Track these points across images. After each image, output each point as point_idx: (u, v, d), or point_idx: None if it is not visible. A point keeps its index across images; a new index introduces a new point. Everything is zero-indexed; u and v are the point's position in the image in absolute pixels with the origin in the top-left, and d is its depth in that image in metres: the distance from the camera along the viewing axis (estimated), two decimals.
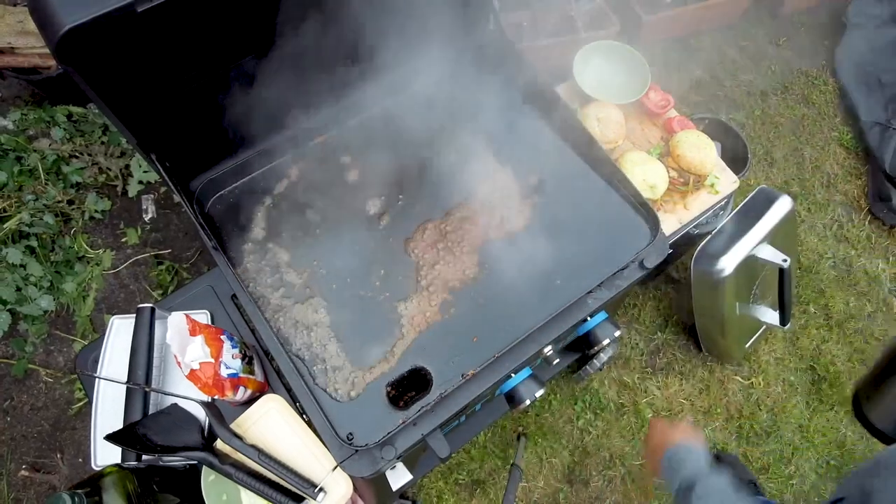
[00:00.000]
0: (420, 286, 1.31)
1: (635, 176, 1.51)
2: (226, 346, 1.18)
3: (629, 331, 2.22)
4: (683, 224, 1.59)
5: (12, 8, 2.20)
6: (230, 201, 1.40)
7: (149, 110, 1.10)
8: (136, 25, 0.92)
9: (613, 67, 1.73)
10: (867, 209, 2.49)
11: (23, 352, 2.04)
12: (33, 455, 1.94)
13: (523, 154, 1.47)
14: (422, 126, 1.45)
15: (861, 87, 2.68)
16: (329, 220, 1.39)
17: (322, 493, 1.14)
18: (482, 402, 1.58)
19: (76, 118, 2.33)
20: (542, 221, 1.39)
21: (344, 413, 1.17)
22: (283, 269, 1.33)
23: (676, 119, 1.68)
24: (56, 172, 2.23)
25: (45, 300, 2.06)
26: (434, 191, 1.41)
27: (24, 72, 2.20)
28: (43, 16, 0.86)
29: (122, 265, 2.18)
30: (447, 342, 1.25)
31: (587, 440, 2.05)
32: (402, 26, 1.28)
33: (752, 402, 2.15)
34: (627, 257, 1.30)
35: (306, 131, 1.44)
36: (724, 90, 2.72)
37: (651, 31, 2.66)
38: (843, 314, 2.30)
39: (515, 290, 1.31)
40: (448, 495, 1.94)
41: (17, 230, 2.11)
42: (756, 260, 1.72)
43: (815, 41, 2.89)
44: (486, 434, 2.02)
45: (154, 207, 2.28)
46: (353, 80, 1.40)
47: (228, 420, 1.19)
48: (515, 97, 1.54)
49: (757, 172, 2.54)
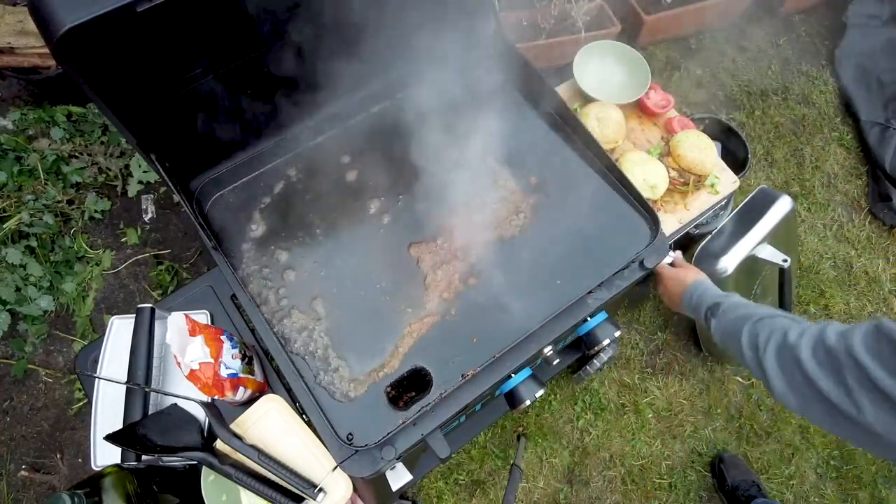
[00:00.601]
0: (420, 286, 1.31)
1: (635, 176, 1.51)
2: (225, 346, 1.18)
3: (629, 331, 2.22)
4: (683, 224, 1.59)
5: (12, 8, 2.20)
6: (230, 201, 1.40)
7: (149, 110, 1.10)
8: (136, 25, 0.92)
9: (613, 67, 1.73)
10: (867, 209, 2.49)
11: (22, 352, 2.03)
12: (33, 455, 1.94)
13: (523, 154, 1.47)
14: (422, 126, 1.45)
15: (861, 87, 2.68)
16: (329, 221, 1.39)
17: (322, 493, 1.14)
18: (482, 403, 1.58)
19: (76, 118, 2.33)
20: (542, 222, 1.39)
21: (344, 413, 1.17)
22: (282, 269, 1.33)
23: (676, 119, 1.68)
24: (56, 172, 2.23)
25: (45, 300, 2.06)
26: (434, 191, 1.41)
27: (23, 72, 2.20)
28: (42, 15, 0.86)
29: (121, 265, 2.18)
30: (447, 342, 1.25)
31: (587, 440, 2.05)
32: (402, 26, 1.27)
33: (752, 402, 2.14)
34: (627, 257, 1.30)
35: (306, 131, 1.44)
36: (724, 90, 2.72)
37: (651, 31, 2.66)
38: (843, 314, 2.30)
39: (515, 290, 1.31)
40: (448, 496, 1.94)
41: (17, 230, 2.11)
42: (756, 260, 1.72)
43: (815, 41, 2.89)
44: (486, 434, 2.02)
45: (154, 207, 2.28)
46: (353, 80, 1.40)
47: (228, 420, 1.18)
48: (515, 97, 1.54)
49: (757, 172, 2.53)
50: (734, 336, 1.13)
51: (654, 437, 2.07)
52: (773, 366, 1.00)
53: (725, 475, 1.95)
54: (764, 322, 1.08)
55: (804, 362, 0.92)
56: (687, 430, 2.09)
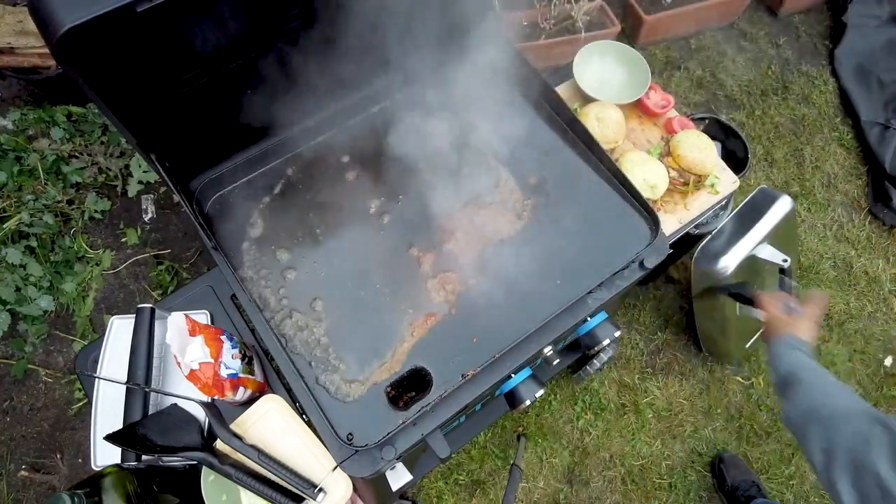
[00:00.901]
0: (420, 286, 1.31)
1: (635, 176, 1.51)
2: (225, 346, 1.18)
3: (629, 331, 2.22)
4: (683, 224, 1.59)
5: (12, 8, 2.20)
6: (230, 201, 1.40)
7: (149, 110, 1.10)
8: (136, 25, 0.92)
9: (613, 67, 1.73)
10: (867, 209, 2.49)
11: (22, 352, 2.04)
12: (33, 455, 1.94)
13: (523, 154, 1.47)
14: (422, 126, 1.45)
15: (861, 87, 2.68)
16: (329, 221, 1.39)
17: (322, 493, 1.14)
18: (482, 403, 1.58)
19: (76, 118, 2.33)
20: (541, 222, 1.39)
21: (344, 413, 1.17)
22: (283, 269, 1.33)
23: (676, 119, 1.67)
24: (56, 172, 2.23)
25: (45, 300, 2.06)
26: (434, 191, 1.41)
27: (23, 72, 2.20)
28: (42, 15, 0.86)
29: (121, 265, 2.18)
30: (447, 342, 1.25)
31: (587, 440, 2.05)
32: (401, 26, 1.27)
33: (752, 402, 2.15)
34: (627, 257, 1.30)
35: (306, 131, 1.44)
36: (724, 90, 2.72)
37: (651, 31, 2.66)
38: (843, 314, 2.30)
39: (515, 290, 1.30)
40: (448, 496, 1.94)
41: (17, 230, 2.11)
42: (756, 260, 1.72)
43: (815, 41, 2.89)
44: (486, 434, 2.02)
45: (154, 207, 2.28)
46: (353, 80, 1.40)
47: (228, 420, 1.18)
48: (515, 97, 1.54)
49: (757, 172, 2.54)
50: (803, 429, 1.06)
51: (654, 437, 2.07)
52: (846, 484, 0.94)
53: (725, 475, 1.95)
54: (839, 426, 1.00)
55: (885, 480, 0.88)
56: (687, 430, 2.09)
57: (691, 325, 2.16)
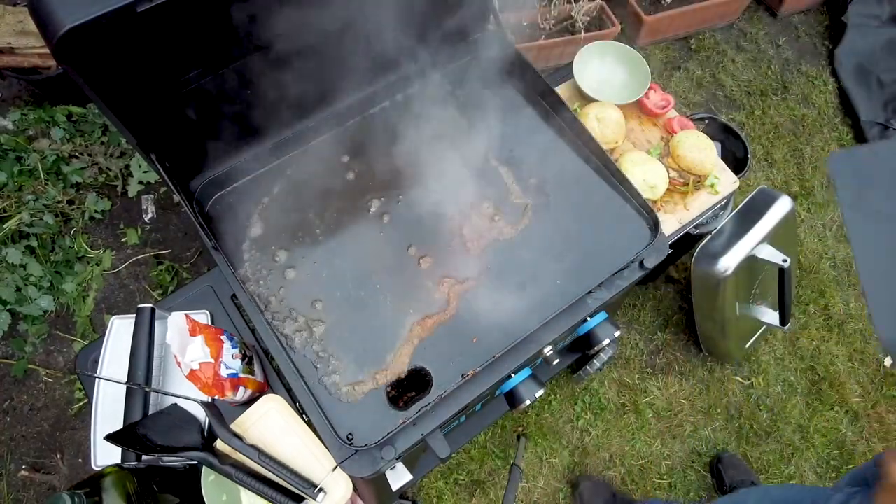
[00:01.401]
0: (420, 286, 1.31)
1: (635, 176, 1.51)
2: (226, 346, 1.18)
3: (629, 331, 2.22)
4: (683, 224, 1.59)
5: (12, 8, 2.20)
6: (230, 201, 1.40)
7: (149, 110, 1.10)
8: (136, 25, 0.92)
9: (613, 67, 1.73)
10: None
11: (23, 352, 2.04)
12: (33, 455, 1.94)
13: (523, 154, 1.47)
14: (422, 126, 1.45)
15: (861, 87, 2.68)
16: (329, 220, 1.39)
17: (322, 493, 1.14)
18: (482, 403, 1.58)
19: (76, 118, 2.33)
20: (541, 222, 1.39)
21: (344, 413, 1.17)
22: (283, 269, 1.33)
23: (676, 119, 1.67)
24: (56, 172, 2.23)
25: (45, 300, 2.06)
26: (434, 191, 1.41)
27: (23, 72, 2.20)
28: (42, 15, 0.86)
29: (122, 265, 2.18)
30: (447, 342, 1.25)
31: (587, 440, 2.05)
32: (402, 26, 1.28)
33: (752, 402, 2.15)
34: (627, 257, 1.30)
35: (306, 131, 1.44)
36: (723, 90, 2.72)
37: (651, 31, 2.66)
38: (843, 314, 2.30)
39: (515, 290, 1.31)
40: (448, 495, 1.94)
41: (17, 230, 2.11)
42: (756, 260, 1.72)
43: (815, 41, 2.90)
44: (486, 434, 2.02)
45: (154, 207, 2.28)
46: (353, 80, 1.40)
47: (228, 420, 1.19)
48: (515, 97, 1.54)
49: (757, 172, 2.54)
50: None
51: (653, 437, 2.07)
52: None
53: (723, 475, 1.95)
54: None
55: None
56: (687, 430, 2.09)
57: (691, 325, 2.16)
